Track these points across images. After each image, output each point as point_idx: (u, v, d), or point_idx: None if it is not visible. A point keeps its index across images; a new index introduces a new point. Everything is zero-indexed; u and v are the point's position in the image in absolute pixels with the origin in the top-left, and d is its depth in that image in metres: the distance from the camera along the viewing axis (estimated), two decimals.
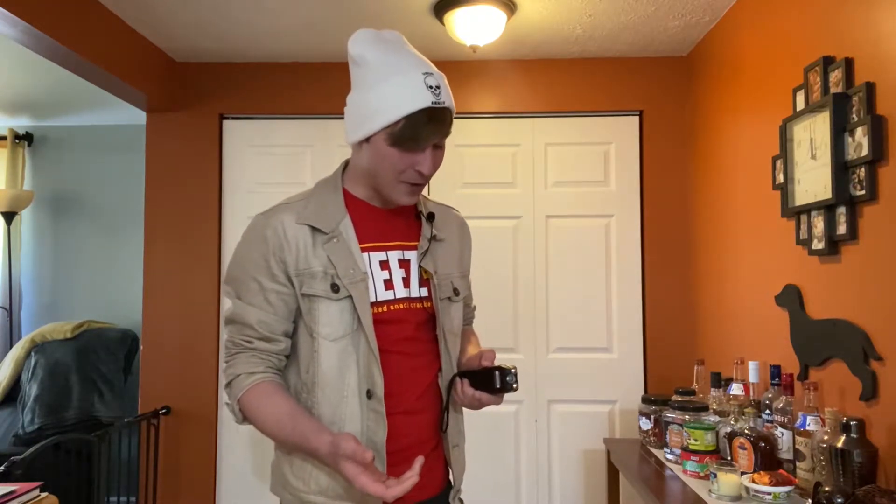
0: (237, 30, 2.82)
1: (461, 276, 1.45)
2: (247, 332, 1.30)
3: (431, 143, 1.25)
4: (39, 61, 3.15)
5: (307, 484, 1.29)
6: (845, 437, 1.57)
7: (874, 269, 1.69)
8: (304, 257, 1.27)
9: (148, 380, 3.13)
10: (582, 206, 3.15)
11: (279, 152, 3.21)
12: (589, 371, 3.10)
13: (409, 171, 1.26)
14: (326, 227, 1.29)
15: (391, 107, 1.21)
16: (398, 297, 1.32)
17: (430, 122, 1.22)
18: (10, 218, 4.18)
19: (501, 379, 1.26)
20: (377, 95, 1.23)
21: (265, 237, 1.29)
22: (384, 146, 1.24)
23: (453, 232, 1.47)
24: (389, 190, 1.29)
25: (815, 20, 1.97)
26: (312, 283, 1.26)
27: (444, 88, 1.25)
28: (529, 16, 2.67)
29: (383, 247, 1.34)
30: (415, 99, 1.21)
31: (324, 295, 1.26)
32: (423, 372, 1.34)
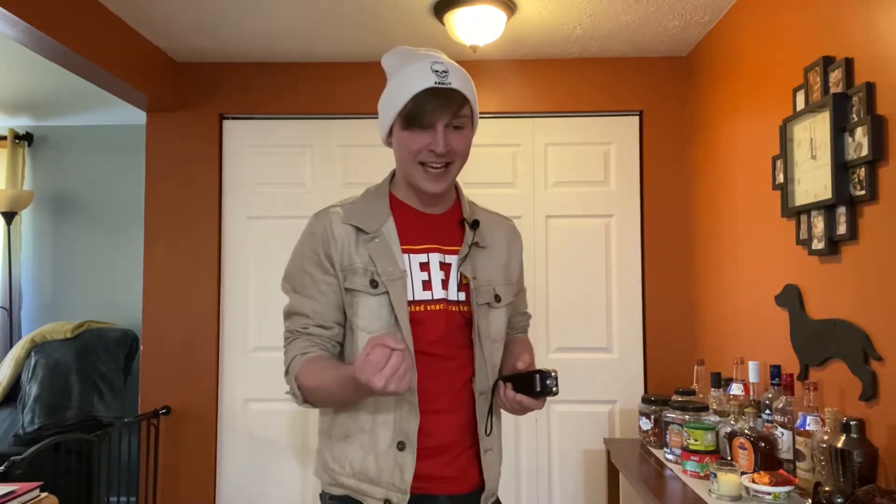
0: (237, 30, 2.82)
1: (506, 283, 1.47)
2: (303, 322, 1.38)
3: (440, 122, 1.31)
4: (39, 61, 3.14)
5: (342, 466, 1.36)
6: (845, 437, 1.57)
7: (874, 269, 1.69)
8: (347, 254, 1.36)
9: (148, 380, 3.13)
10: (582, 206, 3.14)
11: (279, 152, 3.21)
12: (589, 371, 3.10)
13: (423, 151, 1.32)
14: (369, 228, 1.37)
15: (400, 93, 1.32)
16: (436, 297, 1.37)
17: (435, 100, 1.29)
18: (10, 218, 4.18)
19: (541, 382, 1.28)
20: (391, 88, 1.36)
21: (314, 233, 1.39)
22: (399, 132, 1.34)
23: (500, 240, 1.51)
24: (413, 177, 1.36)
25: (815, 20, 1.97)
26: (354, 278, 1.34)
27: (453, 73, 1.33)
28: (529, 16, 2.67)
29: (424, 249, 1.39)
30: (420, 81, 1.30)
31: (363, 290, 1.33)
32: (455, 374, 1.38)
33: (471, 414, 1.39)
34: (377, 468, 1.33)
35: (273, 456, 3.12)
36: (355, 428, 1.36)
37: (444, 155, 1.32)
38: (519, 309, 1.60)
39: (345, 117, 3.19)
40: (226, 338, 3.16)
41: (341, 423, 1.38)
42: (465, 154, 1.37)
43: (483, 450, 1.40)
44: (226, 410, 3.14)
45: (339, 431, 1.38)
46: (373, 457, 1.33)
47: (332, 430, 1.40)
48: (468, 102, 1.35)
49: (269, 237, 3.17)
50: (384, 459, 1.33)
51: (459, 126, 1.34)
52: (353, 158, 3.18)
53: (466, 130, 1.36)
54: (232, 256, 3.18)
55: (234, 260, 3.18)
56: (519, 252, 1.56)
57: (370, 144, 3.16)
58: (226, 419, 3.14)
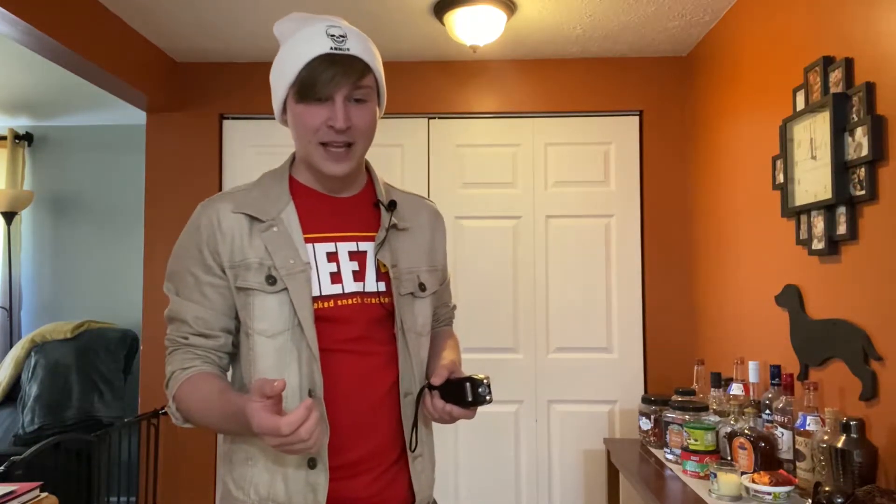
0: (237, 30, 2.82)
1: (430, 270, 1.32)
2: (183, 330, 1.21)
3: (339, 93, 1.15)
4: (39, 61, 3.15)
5: (247, 493, 1.18)
6: (845, 437, 1.57)
7: (874, 269, 1.69)
8: (238, 248, 1.19)
9: (148, 380, 3.13)
10: (582, 206, 3.15)
11: (279, 152, 3.18)
12: (589, 371, 3.10)
13: (321, 128, 1.17)
14: (264, 216, 1.20)
15: (293, 62, 1.16)
16: (347, 291, 1.21)
17: (332, 67, 1.13)
18: (10, 218, 4.18)
19: (473, 391, 1.15)
20: (281, 57, 1.19)
21: (199, 227, 1.23)
22: (294, 106, 1.18)
23: (423, 222, 1.35)
24: (314, 157, 1.20)
25: (815, 20, 1.97)
26: (247, 275, 1.17)
27: (353, 38, 1.17)
28: (529, 16, 2.67)
29: (332, 237, 1.23)
30: (314, 47, 1.14)
31: (258, 287, 1.17)
32: (377, 376, 1.21)
33: (397, 420, 1.23)
34: (286, 491, 1.15)
35: None
36: (257, 448, 1.18)
37: (345, 132, 1.16)
38: (443, 300, 1.45)
39: None
40: None
41: (242, 448, 1.20)
42: (369, 131, 1.21)
43: (411, 458, 1.24)
44: None
45: (241, 454, 1.20)
46: (280, 478, 1.16)
47: (232, 454, 1.22)
48: (371, 72, 1.19)
49: None
50: (294, 481, 1.15)
51: (361, 99, 1.17)
52: None
53: (370, 104, 1.19)
54: None
55: None
56: (443, 237, 1.40)
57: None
58: None
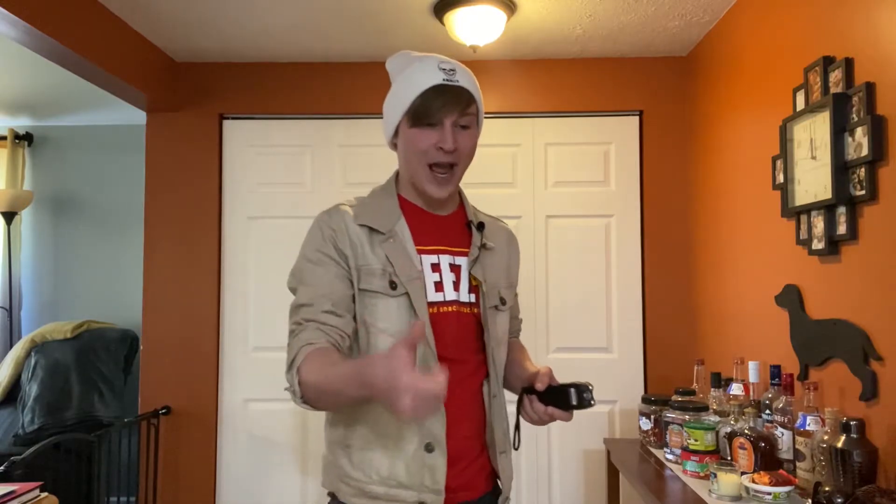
0: (237, 30, 2.82)
1: (508, 287, 1.47)
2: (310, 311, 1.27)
3: (448, 119, 1.30)
4: (39, 61, 3.14)
5: (368, 474, 1.30)
6: (845, 437, 1.57)
7: (874, 269, 1.69)
8: (362, 254, 1.32)
9: (148, 380, 3.13)
10: (582, 206, 3.15)
11: (279, 152, 3.21)
12: (589, 371, 3.10)
13: (431, 150, 1.31)
14: (383, 228, 1.34)
15: (408, 91, 1.32)
16: (448, 299, 1.35)
17: (442, 96, 1.29)
18: (10, 218, 4.18)
19: (578, 395, 1.25)
20: (396, 87, 1.35)
21: (332, 227, 1.34)
22: (406, 130, 1.33)
23: (502, 243, 1.51)
24: (420, 178, 1.34)
25: (815, 20, 1.97)
26: (371, 279, 1.30)
27: (461, 73, 1.34)
28: (529, 16, 2.67)
29: (435, 250, 1.38)
30: (428, 79, 1.30)
31: (382, 291, 1.30)
32: (469, 380, 1.37)
33: (481, 419, 1.38)
34: (407, 472, 1.28)
35: (273, 456, 3.12)
36: (377, 434, 1.30)
37: (452, 153, 1.31)
38: (514, 313, 1.60)
39: (345, 117, 3.19)
40: (226, 338, 3.16)
41: (360, 433, 1.32)
42: (470, 154, 1.37)
43: (498, 452, 1.39)
44: (226, 410, 3.14)
45: (360, 441, 1.32)
46: (401, 461, 1.29)
47: (349, 440, 1.33)
48: (475, 102, 1.35)
49: (269, 237, 3.17)
50: (413, 463, 1.28)
51: (466, 125, 1.34)
52: (353, 158, 3.18)
53: (473, 130, 1.36)
54: (232, 256, 3.18)
55: (234, 260, 3.18)
56: (517, 256, 1.57)
57: (370, 144, 3.16)
58: (226, 419, 3.13)
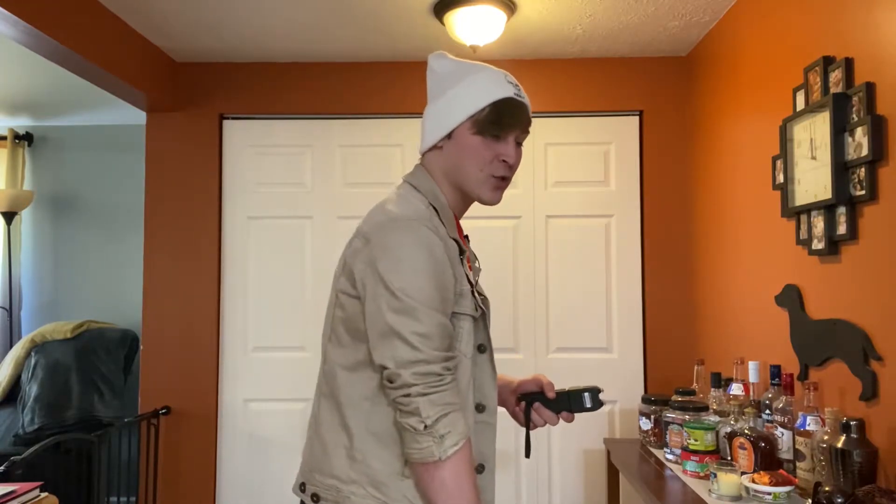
0: (237, 30, 2.82)
1: None
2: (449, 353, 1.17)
3: (513, 134, 1.28)
4: (39, 61, 3.15)
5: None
6: (845, 437, 1.57)
7: (874, 269, 1.69)
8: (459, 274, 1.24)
9: (148, 380, 3.13)
10: (582, 206, 3.15)
11: (279, 152, 3.21)
12: (589, 371, 3.10)
13: (494, 161, 1.27)
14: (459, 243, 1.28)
15: (477, 96, 1.26)
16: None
17: (515, 112, 1.26)
18: (10, 218, 4.18)
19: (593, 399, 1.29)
20: (462, 90, 1.28)
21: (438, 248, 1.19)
22: (468, 136, 1.26)
23: None
24: (476, 185, 1.28)
25: (815, 20, 1.97)
26: (463, 301, 1.23)
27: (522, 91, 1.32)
28: (529, 16, 2.67)
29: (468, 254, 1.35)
30: (499, 89, 1.27)
31: (470, 313, 1.24)
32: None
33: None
34: None
35: (273, 456, 3.12)
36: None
37: (511, 167, 1.29)
38: None
39: (345, 117, 3.19)
40: (226, 338, 3.16)
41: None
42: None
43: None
44: (226, 410, 3.14)
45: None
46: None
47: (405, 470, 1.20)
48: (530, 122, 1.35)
49: (269, 237, 3.17)
50: None
51: (520, 143, 1.32)
52: (353, 158, 3.18)
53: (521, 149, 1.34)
54: (232, 256, 3.18)
55: (234, 260, 3.18)
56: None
57: (370, 144, 3.16)
58: (226, 419, 3.13)
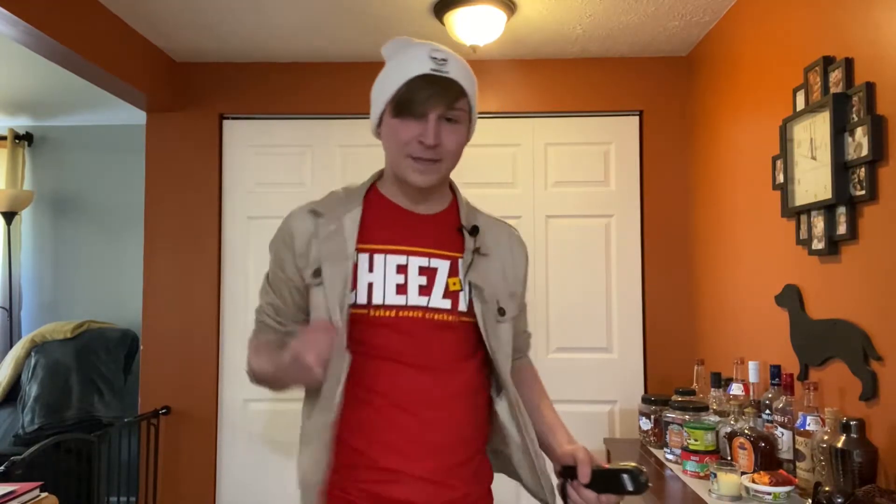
0: (237, 30, 2.82)
1: (509, 297, 1.34)
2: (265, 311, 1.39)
3: (433, 112, 1.21)
4: (39, 61, 3.14)
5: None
6: (845, 437, 1.57)
7: (874, 269, 1.69)
8: (306, 243, 1.30)
9: (148, 380, 3.13)
10: (582, 206, 3.14)
11: (279, 152, 3.21)
12: (589, 371, 3.10)
13: (412, 142, 1.22)
14: (327, 214, 1.30)
15: (393, 78, 1.24)
16: (410, 304, 1.25)
17: (429, 87, 1.21)
18: (10, 218, 4.18)
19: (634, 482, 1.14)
20: (384, 74, 1.27)
21: (283, 230, 1.36)
22: (389, 119, 1.25)
23: (503, 247, 1.37)
24: (400, 169, 1.27)
25: (815, 20, 1.97)
26: (306, 271, 1.29)
27: (453, 63, 1.26)
28: (529, 16, 2.67)
29: (404, 251, 1.28)
30: (415, 66, 1.22)
31: (311, 282, 1.28)
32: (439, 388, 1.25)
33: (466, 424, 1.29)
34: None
35: (273, 456, 3.12)
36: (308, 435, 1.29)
37: (434, 148, 1.22)
38: (521, 327, 1.47)
39: (345, 117, 3.19)
40: (226, 338, 3.16)
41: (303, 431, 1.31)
42: (456, 152, 1.27)
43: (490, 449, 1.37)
44: (226, 410, 3.14)
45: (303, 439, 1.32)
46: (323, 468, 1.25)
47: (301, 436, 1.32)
48: (465, 96, 1.26)
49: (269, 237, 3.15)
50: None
51: (454, 119, 1.24)
52: (353, 158, 3.18)
53: (461, 126, 1.26)
54: (232, 256, 3.18)
55: (234, 260, 3.18)
56: (523, 264, 1.42)
57: (370, 144, 3.14)
58: (226, 419, 3.13)
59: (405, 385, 1.24)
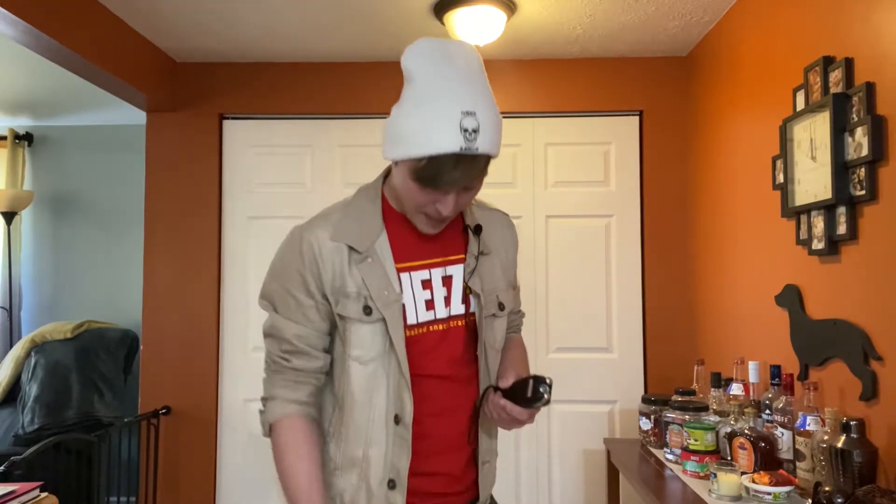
0: (237, 30, 2.82)
1: (507, 288, 1.38)
2: (284, 347, 1.27)
3: (456, 188, 1.17)
4: (39, 61, 3.15)
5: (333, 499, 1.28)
6: (845, 437, 1.57)
7: (874, 269, 1.69)
8: (339, 275, 1.24)
9: (148, 380, 3.13)
10: (582, 206, 3.15)
11: (279, 152, 3.21)
12: (589, 371, 3.10)
13: (429, 206, 1.20)
14: (361, 246, 1.24)
15: (418, 142, 1.12)
16: (438, 317, 1.28)
17: (456, 169, 1.13)
18: (10, 218, 4.18)
19: (534, 388, 1.19)
20: (410, 123, 1.13)
21: (301, 252, 1.26)
22: (407, 177, 1.17)
23: (499, 240, 1.39)
24: (410, 214, 1.25)
25: (815, 20, 1.97)
26: (347, 303, 1.23)
27: (484, 131, 1.12)
28: (529, 16, 2.67)
29: (426, 265, 1.29)
30: (443, 140, 1.10)
31: (356, 317, 1.23)
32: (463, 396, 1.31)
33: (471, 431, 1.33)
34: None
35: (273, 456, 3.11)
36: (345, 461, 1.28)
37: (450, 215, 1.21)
38: (514, 308, 1.50)
39: (345, 117, 3.19)
40: (226, 338, 3.16)
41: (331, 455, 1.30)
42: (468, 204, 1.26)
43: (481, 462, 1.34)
44: (226, 410, 3.14)
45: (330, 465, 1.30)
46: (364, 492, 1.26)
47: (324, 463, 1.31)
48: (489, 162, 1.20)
49: (269, 237, 3.17)
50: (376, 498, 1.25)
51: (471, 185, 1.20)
52: (353, 158, 3.18)
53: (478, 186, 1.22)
54: (232, 256, 3.18)
55: (234, 260, 3.18)
56: (515, 248, 1.44)
57: (370, 144, 3.16)
58: (226, 419, 3.13)
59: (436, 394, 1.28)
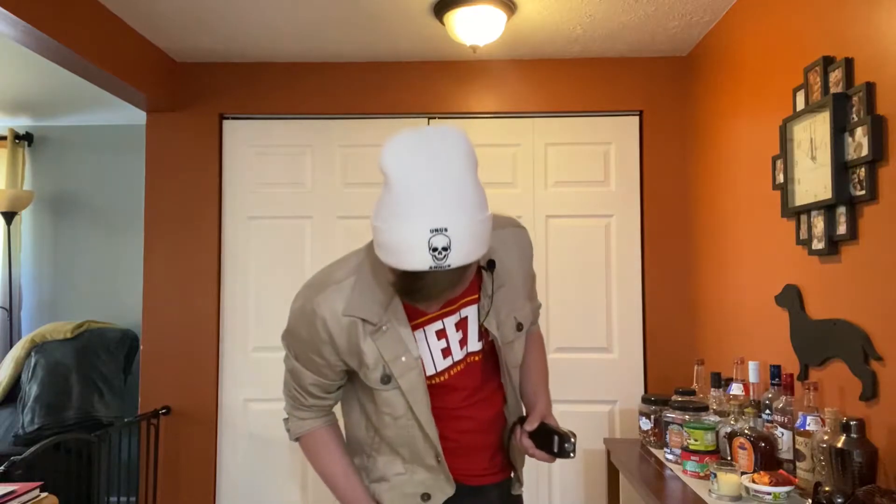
0: (237, 30, 2.82)
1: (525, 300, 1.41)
2: (302, 389, 1.39)
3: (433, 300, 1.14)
4: (39, 61, 3.15)
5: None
6: (845, 437, 1.57)
7: (874, 269, 1.69)
8: (355, 346, 1.28)
9: (148, 380, 3.13)
10: (582, 206, 3.15)
11: (279, 152, 3.21)
12: (589, 371, 3.10)
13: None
14: (374, 318, 1.25)
15: (392, 256, 1.09)
16: (456, 360, 1.34)
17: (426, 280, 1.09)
18: (10, 218, 4.18)
19: (560, 446, 1.32)
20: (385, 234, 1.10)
21: (316, 328, 1.28)
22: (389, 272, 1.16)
23: (516, 260, 1.38)
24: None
25: (815, 20, 1.97)
26: (367, 372, 1.29)
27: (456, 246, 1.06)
28: (529, 16, 2.67)
29: (439, 315, 1.31)
30: (413, 259, 1.07)
31: (377, 386, 1.30)
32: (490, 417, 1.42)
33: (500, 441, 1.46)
34: None
35: (273, 456, 3.12)
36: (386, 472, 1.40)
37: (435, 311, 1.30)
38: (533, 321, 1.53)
39: (345, 117, 3.19)
40: (226, 338, 3.16)
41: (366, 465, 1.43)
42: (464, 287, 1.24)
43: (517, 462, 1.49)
44: (226, 410, 3.14)
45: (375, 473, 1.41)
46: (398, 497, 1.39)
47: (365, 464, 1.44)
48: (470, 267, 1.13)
49: (269, 237, 3.17)
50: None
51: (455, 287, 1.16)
52: (353, 158, 3.18)
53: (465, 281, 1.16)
54: (232, 256, 3.18)
55: (234, 260, 3.18)
56: (531, 259, 1.45)
57: (370, 144, 3.16)
58: (226, 419, 3.13)
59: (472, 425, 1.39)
